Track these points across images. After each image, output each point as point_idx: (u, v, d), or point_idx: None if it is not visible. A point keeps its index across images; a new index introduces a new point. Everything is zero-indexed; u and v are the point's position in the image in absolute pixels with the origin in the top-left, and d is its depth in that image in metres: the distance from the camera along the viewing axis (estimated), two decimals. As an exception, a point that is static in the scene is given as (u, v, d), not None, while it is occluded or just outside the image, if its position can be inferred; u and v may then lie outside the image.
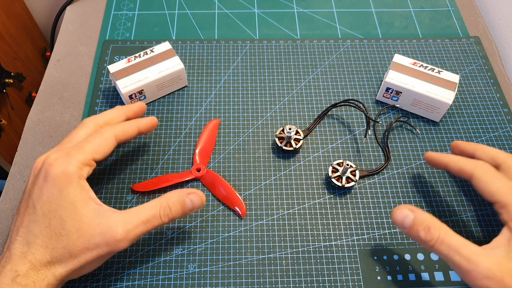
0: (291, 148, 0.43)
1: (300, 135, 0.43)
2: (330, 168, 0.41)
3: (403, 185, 0.42)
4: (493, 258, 0.29)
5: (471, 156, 0.37)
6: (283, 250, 0.38)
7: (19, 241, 0.30)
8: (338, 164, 0.42)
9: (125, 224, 0.31)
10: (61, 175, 0.31)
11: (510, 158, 0.35)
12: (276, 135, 0.44)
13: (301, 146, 0.44)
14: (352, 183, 0.40)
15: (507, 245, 0.29)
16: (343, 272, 0.37)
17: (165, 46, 0.48)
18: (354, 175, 0.41)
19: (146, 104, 0.47)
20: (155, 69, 0.46)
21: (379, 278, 0.37)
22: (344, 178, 0.41)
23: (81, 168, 0.32)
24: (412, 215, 0.31)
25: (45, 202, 0.30)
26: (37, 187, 0.31)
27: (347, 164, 0.40)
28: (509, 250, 0.29)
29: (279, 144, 0.43)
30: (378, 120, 0.46)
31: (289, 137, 0.43)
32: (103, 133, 0.35)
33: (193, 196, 0.34)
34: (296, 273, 0.37)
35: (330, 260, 0.38)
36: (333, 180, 0.41)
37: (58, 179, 0.30)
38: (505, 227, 0.31)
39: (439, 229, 0.30)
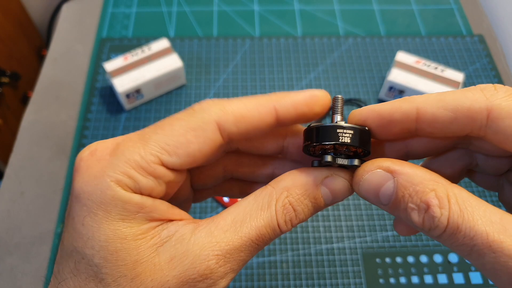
0: (292, 148, 0.42)
1: (301, 135, 0.43)
2: None
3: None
4: None
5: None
6: (283, 253, 0.37)
7: (52, 283, 0.17)
8: None
9: (220, 250, 0.17)
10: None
11: None
12: (276, 135, 0.43)
13: (302, 146, 0.43)
14: None
15: None
16: (344, 275, 0.36)
17: (163, 43, 0.47)
18: None
19: (143, 103, 0.46)
20: (152, 67, 0.45)
21: (381, 281, 0.36)
22: None
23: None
24: (392, 182, 0.16)
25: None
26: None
27: None
28: None
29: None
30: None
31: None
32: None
33: (333, 182, 0.18)
34: (297, 276, 0.36)
35: (331, 263, 0.37)
36: None
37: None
38: None
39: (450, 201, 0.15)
